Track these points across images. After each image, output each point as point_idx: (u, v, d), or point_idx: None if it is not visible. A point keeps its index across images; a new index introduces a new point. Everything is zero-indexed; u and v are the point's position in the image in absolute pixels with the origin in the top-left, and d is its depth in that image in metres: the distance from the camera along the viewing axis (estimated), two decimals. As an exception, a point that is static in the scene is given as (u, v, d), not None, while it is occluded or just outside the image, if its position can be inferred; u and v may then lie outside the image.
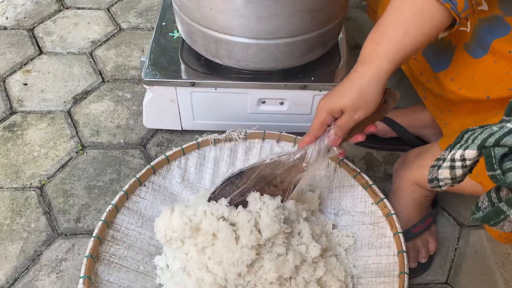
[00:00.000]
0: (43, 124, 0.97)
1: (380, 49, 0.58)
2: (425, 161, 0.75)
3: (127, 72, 1.10)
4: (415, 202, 0.77)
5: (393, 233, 0.70)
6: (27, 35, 1.20)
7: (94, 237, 0.68)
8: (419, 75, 0.77)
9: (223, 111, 0.91)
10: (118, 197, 0.73)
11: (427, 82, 0.75)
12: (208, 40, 0.81)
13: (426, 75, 0.75)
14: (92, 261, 0.66)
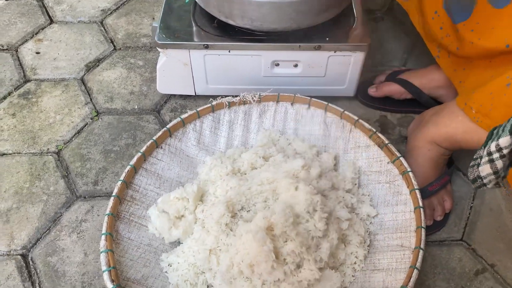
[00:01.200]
0: (57, 92, 0.98)
1: None
2: (441, 118, 0.74)
3: (138, 39, 1.10)
4: (432, 160, 0.77)
5: (410, 190, 0.71)
6: (36, 4, 1.20)
7: (114, 196, 0.69)
8: (438, 30, 0.75)
9: (237, 74, 0.90)
10: (136, 158, 0.74)
11: (446, 36, 0.74)
12: (221, 0, 0.80)
13: (445, 28, 0.73)
14: (112, 219, 0.67)
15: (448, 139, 0.74)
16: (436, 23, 0.76)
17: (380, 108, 0.94)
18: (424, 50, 0.86)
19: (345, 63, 0.87)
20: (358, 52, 0.85)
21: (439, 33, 0.76)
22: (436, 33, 0.76)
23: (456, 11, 0.71)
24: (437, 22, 0.75)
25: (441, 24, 0.75)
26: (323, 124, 0.83)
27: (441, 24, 0.75)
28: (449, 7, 0.72)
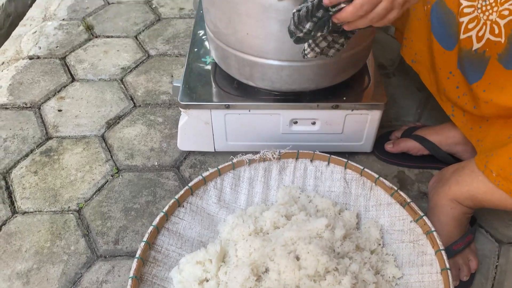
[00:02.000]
0: (78, 149, 1.00)
1: None
2: (462, 177, 0.75)
3: (157, 97, 1.13)
4: (455, 219, 0.77)
5: (435, 251, 0.70)
6: (59, 63, 1.24)
7: (137, 258, 0.69)
8: (454, 89, 0.77)
9: (256, 132, 0.92)
10: (158, 218, 0.74)
11: (462, 95, 0.76)
12: (242, 64, 0.83)
13: (461, 87, 0.76)
14: (136, 282, 0.67)
15: (470, 198, 0.74)
16: (451, 82, 0.78)
17: (397, 164, 0.95)
18: (438, 105, 0.88)
19: (362, 121, 0.89)
20: (374, 110, 0.87)
21: (455, 93, 0.78)
22: (452, 92, 0.79)
23: (469, 71, 0.73)
24: (453, 81, 0.78)
25: (457, 83, 0.77)
26: (343, 181, 0.84)
27: (457, 84, 0.77)
28: (463, 68, 0.75)
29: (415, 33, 0.85)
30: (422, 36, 0.83)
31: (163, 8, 1.48)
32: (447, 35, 0.77)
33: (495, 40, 0.69)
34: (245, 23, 0.75)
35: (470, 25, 0.73)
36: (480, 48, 0.72)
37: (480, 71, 0.72)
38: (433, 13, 0.79)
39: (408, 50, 0.88)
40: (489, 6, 0.70)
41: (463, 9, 0.73)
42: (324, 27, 0.60)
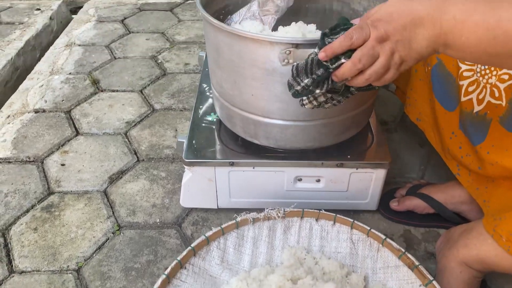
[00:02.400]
0: (80, 205, 0.99)
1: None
2: (471, 240, 0.73)
3: (161, 151, 1.13)
4: (464, 283, 0.75)
5: (447, 318, 0.67)
6: (64, 117, 1.26)
7: (137, 324, 0.66)
8: (457, 150, 0.78)
9: (260, 189, 0.91)
10: (160, 281, 0.72)
11: (466, 156, 0.76)
12: (247, 122, 0.84)
13: (464, 148, 0.76)
14: None
15: (480, 262, 0.72)
16: (454, 142, 0.79)
17: (403, 223, 0.94)
18: (441, 162, 0.88)
19: (367, 179, 0.89)
20: (379, 169, 0.87)
21: (458, 153, 0.78)
22: (455, 152, 0.79)
23: (472, 133, 0.74)
24: (456, 142, 0.78)
25: (460, 144, 0.77)
26: (349, 241, 0.82)
27: (460, 144, 0.77)
28: (465, 129, 0.75)
29: (418, 93, 0.87)
30: (425, 96, 0.85)
31: (168, 63, 1.52)
32: (448, 97, 0.78)
33: (495, 103, 0.70)
34: (250, 85, 0.77)
35: (470, 88, 0.74)
36: (481, 110, 0.73)
37: (483, 133, 0.72)
38: (434, 75, 0.81)
39: (412, 109, 0.90)
40: (488, 70, 0.72)
41: (462, 73, 0.75)
42: (323, 85, 0.61)
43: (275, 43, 0.69)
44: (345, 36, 0.55)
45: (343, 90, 0.63)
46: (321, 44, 0.59)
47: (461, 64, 0.75)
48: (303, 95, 0.64)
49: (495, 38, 0.48)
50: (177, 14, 1.88)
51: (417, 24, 0.52)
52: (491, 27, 0.48)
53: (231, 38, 0.73)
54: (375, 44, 0.54)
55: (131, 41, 1.66)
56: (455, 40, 0.51)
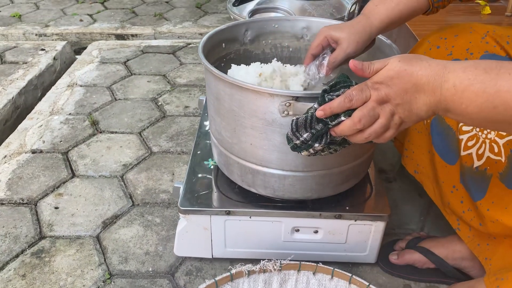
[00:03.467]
0: (71, 250, 0.96)
1: (376, 10, 0.77)
2: None
3: (157, 195, 1.12)
4: None
5: None
6: (61, 158, 1.25)
7: None
8: (458, 204, 0.77)
9: (256, 239, 0.89)
10: (150, 338, 0.69)
11: (467, 211, 0.75)
12: (245, 171, 0.83)
13: (466, 203, 0.75)
14: None
15: None
16: (455, 196, 0.77)
17: (403, 277, 0.91)
18: (441, 213, 0.86)
19: (366, 231, 0.87)
20: (378, 222, 0.85)
21: (460, 208, 0.77)
22: (456, 207, 0.78)
23: (473, 188, 0.73)
24: (457, 196, 0.77)
25: (461, 198, 0.76)
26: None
27: (461, 198, 0.76)
28: (466, 184, 0.74)
29: (416, 145, 0.86)
30: (423, 149, 0.85)
31: (168, 105, 1.53)
32: (448, 150, 0.78)
33: (495, 159, 0.70)
34: (249, 134, 0.77)
35: (470, 143, 0.74)
36: (481, 165, 0.72)
37: (483, 189, 0.71)
38: (433, 128, 0.81)
39: (409, 161, 0.89)
40: None
41: (461, 127, 0.75)
42: (322, 139, 0.62)
43: (275, 95, 0.69)
44: (345, 97, 0.55)
45: (341, 141, 0.63)
46: (320, 100, 0.59)
47: None
48: (302, 149, 0.64)
49: (494, 107, 0.48)
50: (179, 57, 1.91)
51: (418, 90, 0.53)
52: (491, 98, 0.48)
53: (232, 88, 0.74)
54: (375, 105, 0.54)
55: (133, 83, 1.68)
56: (455, 107, 0.52)
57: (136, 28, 2.25)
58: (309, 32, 0.98)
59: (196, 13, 2.45)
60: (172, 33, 2.21)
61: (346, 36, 0.75)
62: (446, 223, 0.90)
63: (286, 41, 1.00)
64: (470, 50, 0.75)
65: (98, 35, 2.23)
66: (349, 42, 0.75)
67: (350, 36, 0.75)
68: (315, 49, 0.79)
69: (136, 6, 2.57)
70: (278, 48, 1.00)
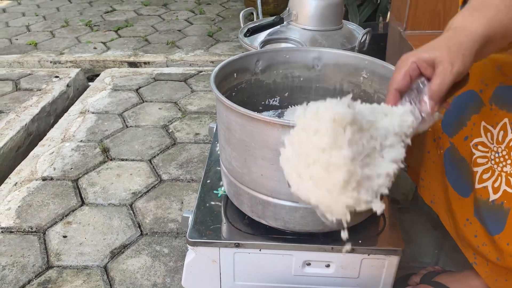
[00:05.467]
0: (78, 281, 0.95)
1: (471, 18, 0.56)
2: None
3: (165, 225, 1.10)
4: None
5: None
6: (71, 185, 1.25)
7: None
8: (472, 238, 0.74)
9: (266, 272, 0.87)
10: None
11: (482, 245, 0.73)
12: (255, 202, 0.82)
13: (480, 237, 0.72)
14: None
15: None
16: (469, 230, 0.75)
17: (419, 314, 0.88)
18: (456, 246, 0.83)
19: (379, 266, 0.84)
20: (392, 256, 0.83)
21: (474, 241, 0.74)
22: (471, 241, 0.75)
23: (489, 222, 0.70)
24: (471, 229, 0.75)
25: (475, 232, 0.74)
26: (361, 336, 0.76)
27: (475, 232, 0.74)
28: (481, 217, 0.72)
29: (431, 175, 0.85)
30: (438, 180, 0.83)
31: (179, 132, 1.53)
32: (462, 182, 0.76)
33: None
34: (260, 165, 0.76)
35: (485, 176, 0.72)
36: (497, 199, 0.70)
37: (501, 222, 0.69)
38: (446, 159, 0.79)
39: (426, 191, 0.87)
40: (502, 159, 0.70)
41: (476, 159, 0.73)
42: None
43: (286, 126, 0.69)
44: None
45: None
46: None
47: (474, 150, 0.74)
48: None
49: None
50: (191, 84, 1.93)
51: None
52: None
53: (243, 118, 0.73)
54: None
55: (144, 110, 1.69)
56: None
57: (148, 56, 2.29)
58: (320, 63, 0.99)
59: (207, 41, 2.49)
60: (184, 61, 2.24)
61: (445, 53, 0.54)
62: (461, 256, 0.87)
63: (297, 71, 1.00)
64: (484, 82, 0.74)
65: (111, 63, 2.27)
66: (452, 58, 0.53)
67: (451, 50, 0.54)
68: (402, 81, 0.56)
69: (149, 34, 2.62)
70: (289, 78, 1.01)
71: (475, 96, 0.75)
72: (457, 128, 0.77)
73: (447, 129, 0.79)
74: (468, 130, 0.75)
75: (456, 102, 0.77)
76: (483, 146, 0.73)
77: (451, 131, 0.78)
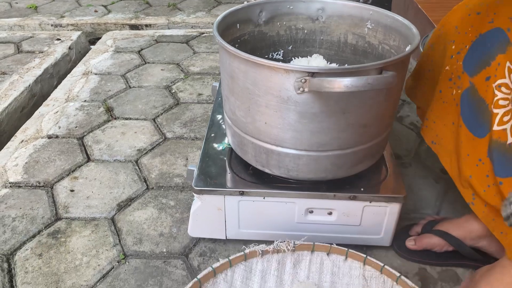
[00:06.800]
0: (87, 231, 0.97)
1: None
2: (493, 276, 0.70)
3: (171, 179, 1.12)
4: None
5: None
6: (76, 143, 1.26)
7: None
8: (484, 178, 0.73)
9: (270, 220, 0.89)
10: (164, 313, 0.69)
11: (492, 185, 0.72)
12: (259, 151, 0.83)
13: (491, 177, 0.71)
14: None
15: None
16: (481, 171, 0.73)
17: (419, 261, 0.90)
18: (458, 197, 0.84)
19: (381, 213, 0.86)
20: (393, 203, 0.84)
21: (485, 181, 0.73)
22: (480, 181, 0.73)
23: (500, 164, 0.69)
24: (483, 170, 0.73)
25: (487, 172, 0.72)
26: (362, 278, 0.78)
27: (487, 172, 0.72)
28: (492, 158, 0.71)
29: (439, 115, 0.83)
30: (447, 120, 0.81)
31: (182, 93, 1.53)
32: (478, 123, 0.74)
33: None
34: (263, 113, 0.76)
35: (505, 118, 0.70)
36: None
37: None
38: (464, 100, 0.76)
39: (429, 131, 0.87)
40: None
41: (498, 101, 0.71)
42: None
43: (290, 71, 0.69)
44: None
45: None
46: None
47: (497, 91, 0.71)
48: None
49: None
50: (193, 46, 1.91)
51: None
52: None
53: (247, 65, 0.73)
54: None
55: (147, 71, 1.69)
56: None
57: (150, 19, 2.26)
58: (324, 14, 0.97)
59: (209, 3, 2.45)
60: (185, 23, 2.21)
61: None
62: (462, 206, 0.89)
63: (301, 23, 0.99)
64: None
65: (112, 26, 2.24)
66: None
67: None
68: None
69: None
70: (293, 30, 1.00)
71: (502, 34, 0.71)
72: (480, 68, 0.74)
73: (468, 68, 0.76)
74: (492, 70, 0.72)
75: (480, 41, 0.75)
76: (506, 87, 0.70)
77: (473, 70, 0.75)
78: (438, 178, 1.11)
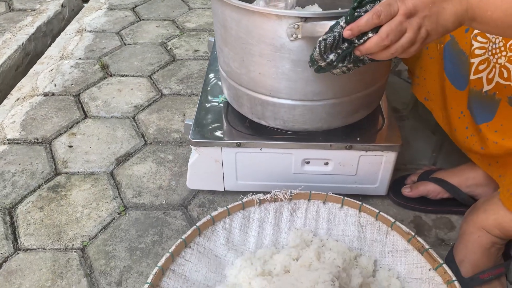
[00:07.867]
0: (86, 185, 0.98)
1: None
2: (491, 205, 0.73)
3: (169, 135, 1.12)
4: (482, 247, 0.75)
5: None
6: (73, 100, 1.26)
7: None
8: (464, 130, 0.76)
9: (267, 171, 0.90)
10: (164, 259, 0.71)
11: (471, 136, 0.75)
12: (254, 103, 0.82)
13: (470, 129, 0.75)
14: (137, 327, 0.63)
15: (497, 226, 0.72)
16: (462, 123, 0.77)
17: (415, 208, 0.91)
18: (454, 149, 0.85)
19: (377, 162, 0.87)
20: (389, 152, 0.85)
21: (464, 133, 0.76)
22: (461, 132, 0.77)
23: (478, 112, 0.72)
24: (463, 122, 0.76)
25: (467, 124, 0.76)
26: (357, 224, 0.80)
27: (467, 124, 0.76)
28: (471, 108, 0.74)
29: (428, 71, 0.84)
30: (435, 75, 0.83)
31: (178, 49, 1.51)
32: (459, 75, 0.76)
33: (504, 84, 0.69)
34: (257, 63, 0.75)
35: (481, 67, 0.72)
36: (490, 90, 0.71)
37: (491, 112, 0.71)
38: (446, 53, 0.78)
39: (420, 88, 0.87)
40: (498, 50, 0.70)
41: (474, 50, 0.73)
42: (345, 59, 0.60)
43: (283, 17, 0.67)
44: (373, 13, 0.54)
45: (355, 59, 0.62)
46: (349, 18, 0.57)
47: (473, 41, 0.73)
48: (326, 71, 0.63)
49: None
50: (188, 2, 1.86)
51: (446, 0, 0.53)
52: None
53: (238, 13, 0.72)
54: (403, 20, 0.53)
55: (141, 28, 1.66)
56: (481, 15, 0.52)
57: (143, -26, 2.18)
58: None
59: (204, -42, 2.37)
60: (180, -21, 2.14)
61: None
62: (458, 158, 0.90)
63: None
64: None
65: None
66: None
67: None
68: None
69: (143, -48, 2.49)
70: (288, -21, 0.97)
71: None
72: None
73: None
74: None
75: None
76: (482, 36, 0.72)
77: None
78: (435, 130, 1.12)
